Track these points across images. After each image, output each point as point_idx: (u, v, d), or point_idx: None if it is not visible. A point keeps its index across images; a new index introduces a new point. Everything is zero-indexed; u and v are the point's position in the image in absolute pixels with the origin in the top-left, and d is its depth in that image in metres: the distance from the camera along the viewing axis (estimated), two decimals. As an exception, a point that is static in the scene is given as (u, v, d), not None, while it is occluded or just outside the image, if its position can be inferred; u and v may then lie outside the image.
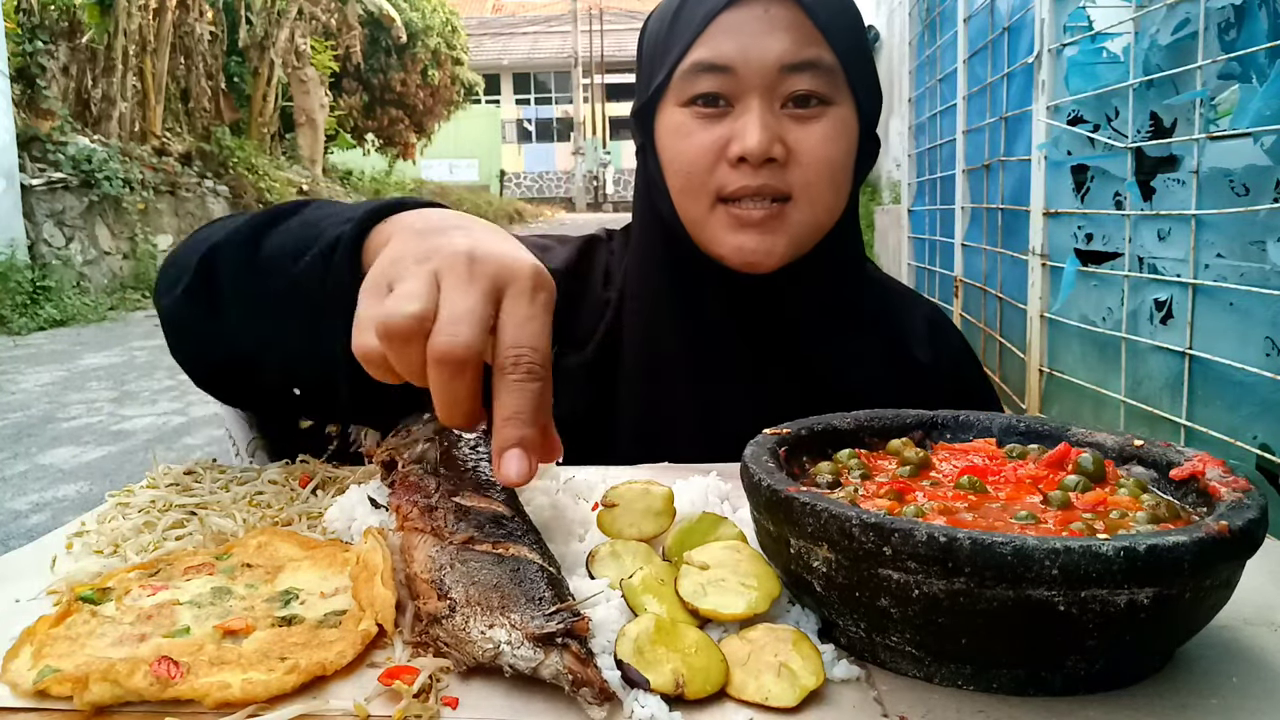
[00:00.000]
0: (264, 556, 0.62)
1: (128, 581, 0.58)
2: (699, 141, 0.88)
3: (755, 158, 0.85)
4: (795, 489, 0.51)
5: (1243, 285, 1.71)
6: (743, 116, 0.86)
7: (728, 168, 0.87)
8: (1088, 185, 2.47)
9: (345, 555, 0.61)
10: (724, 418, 0.92)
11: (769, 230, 0.88)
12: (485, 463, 0.64)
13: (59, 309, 8.35)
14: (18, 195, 8.51)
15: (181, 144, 11.70)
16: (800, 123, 0.87)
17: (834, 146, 0.88)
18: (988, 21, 3.46)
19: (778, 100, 0.87)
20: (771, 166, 0.86)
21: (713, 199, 0.89)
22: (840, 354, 0.96)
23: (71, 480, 4.10)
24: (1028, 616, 0.44)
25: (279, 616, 0.53)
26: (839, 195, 0.91)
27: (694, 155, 0.88)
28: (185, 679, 0.46)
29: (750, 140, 0.85)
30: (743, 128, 0.86)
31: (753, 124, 0.85)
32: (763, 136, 0.85)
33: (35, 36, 9.85)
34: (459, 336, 0.53)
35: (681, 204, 0.91)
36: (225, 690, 0.45)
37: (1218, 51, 1.76)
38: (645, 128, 0.95)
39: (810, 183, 0.88)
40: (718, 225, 0.89)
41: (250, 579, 0.59)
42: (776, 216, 0.88)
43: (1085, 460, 0.58)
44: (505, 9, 35.86)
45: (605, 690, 0.45)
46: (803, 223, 0.89)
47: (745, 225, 0.88)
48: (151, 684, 0.46)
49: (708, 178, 0.88)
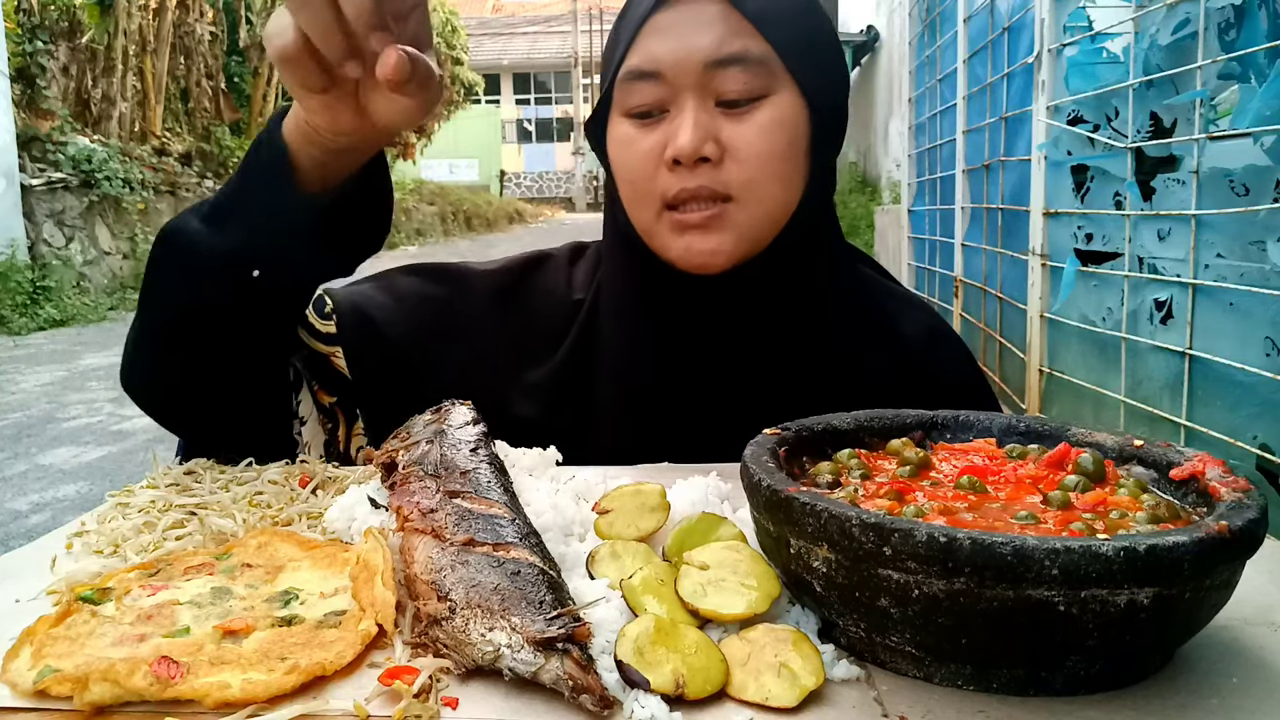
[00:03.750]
0: (264, 556, 0.62)
1: (128, 581, 0.58)
2: (639, 149, 0.88)
3: (687, 159, 0.84)
4: (795, 489, 0.51)
5: (1243, 285, 1.71)
6: (676, 118, 0.86)
7: (666, 172, 0.87)
8: (1088, 185, 2.46)
9: (345, 555, 0.61)
10: (704, 421, 0.92)
11: (714, 230, 0.87)
12: (486, 465, 0.64)
13: (59, 309, 8.35)
14: (18, 195, 8.51)
15: (181, 144, 11.70)
16: (734, 119, 0.86)
17: (772, 139, 0.86)
18: (988, 21, 3.46)
19: (710, 98, 0.86)
20: (708, 166, 0.85)
21: (659, 206, 0.88)
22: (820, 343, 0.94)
23: (71, 480, 4.10)
24: (1028, 616, 0.44)
25: (279, 617, 0.53)
26: (786, 187, 0.89)
27: (636, 163, 0.89)
28: (185, 679, 0.46)
29: (681, 141, 0.84)
30: (676, 130, 0.85)
31: (684, 125, 0.85)
32: (693, 136, 0.84)
33: (35, 36, 9.85)
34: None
35: (633, 213, 0.92)
36: (225, 690, 0.45)
37: (1218, 51, 1.76)
38: (599, 139, 0.95)
39: (751, 179, 0.86)
40: (665, 230, 0.89)
41: (250, 579, 0.59)
42: (719, 216, 0.87)
43: (1085, 460, 0.58)
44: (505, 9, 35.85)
45: (606, 697, 0.45)
46: (748, 220, 0.88)
47: (689, 228, 0.87)
48: (151, 684, 0.46)
49: (651, 185, 0.88)
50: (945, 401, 0.97)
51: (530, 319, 1.01)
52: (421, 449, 0.67)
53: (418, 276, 1.04)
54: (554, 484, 0.70)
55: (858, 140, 11.39)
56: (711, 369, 0.93)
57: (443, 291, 1.02)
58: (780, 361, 0.94)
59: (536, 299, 1.02)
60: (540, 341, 0.99)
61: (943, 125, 4.39)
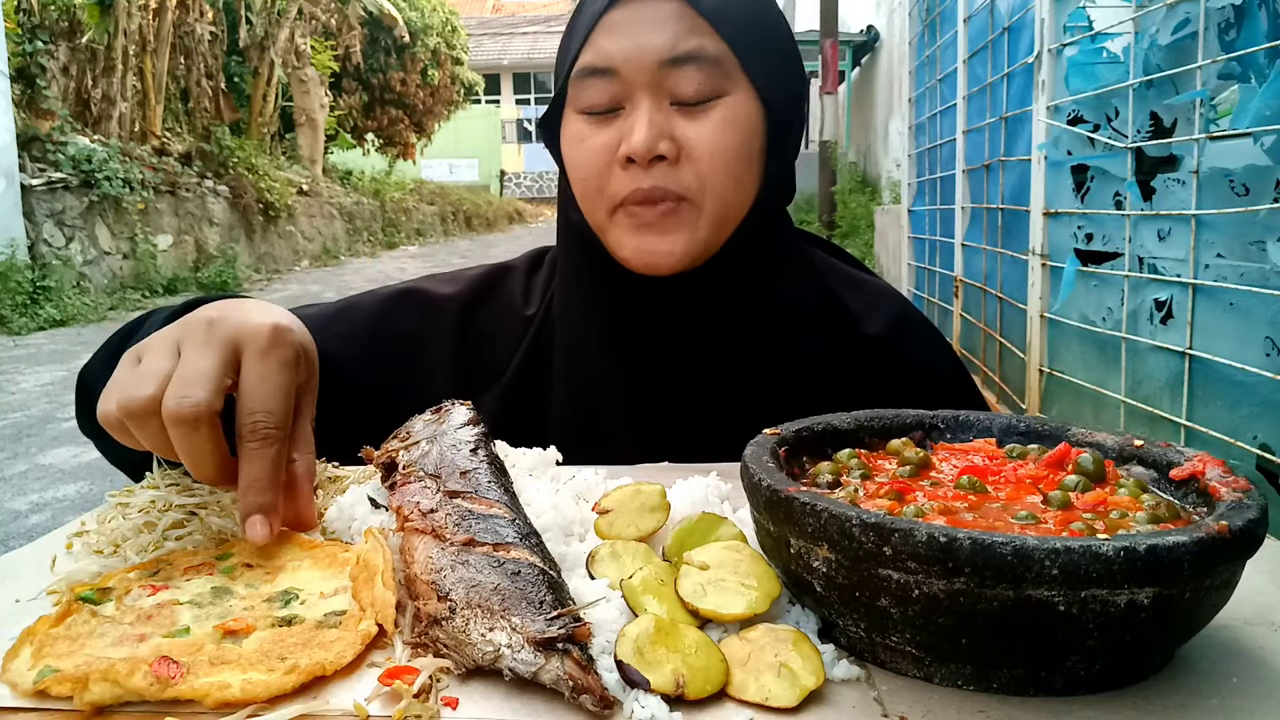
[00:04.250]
0: (264, 557, 0.62)
1: (128, 581, 0.58)
2: (592, 146, 0.87)
3: (641, 157, 0.83)
4: (795, 489, 0.51)
5: (1243, 285, 1.71)
6: (630, 116, 0.85)
7: (620, 171, 0.86)
8: (1088, 185, 2.46)
9: (345, 555, 0.61)
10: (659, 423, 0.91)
11: (666, 230, 0.86)
12: (486, 465, 0.64)
13: (59, 309, 8.35)
14: (18, 195, 8.50)
15: (181, 144, 11.70)
16: (690, 118, 0.85)
17: (727, 138, 0.85)
18: (988, 21, 3.46)
19: (664, 96, 0.85)
20: (662, 165, 0.84)
21: (612, 205, 0.87)
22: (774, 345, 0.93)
23: (71, 480, 4.10)
24: (1028, 616, 0.44)
25: (279, 617, 0.53)
26: (740, 187, 0.88)
27: (589, 161, 0.87)
28: (185, 679, 0.46)
29: (635, 139, 0.83)
30: (630, 128, 0.84)
31: (639, 123, 0.84)
32: (648, 134, 0.83)
33: (35, 36, 9.84)
34: (188, 398, 0.60)
35: (586, 211, 0.90)
36: (225, 690, 0.46)
37: (1218, 51, 1.76)
38: (553, 136, 0.94)
39: (705, 177, 0.85)
40: (618, 230, 0.88)
41: (250, 579, 0.59)
42: (672, 215, 0.86)
43: (1085, 460, 0.58)
44: (505, 9, 35.85)
45: (606, 698, 0.45)
46: (702, 220, 0.87)
47: (642, 227, 0.86)
48: (151, 684, 0.46)
49: (604, 183, 0.87)
50: (918, 390, 0.96)
51: (485, 340, 1.00)
52: (421, 449, 0.67)
53: (378, 303, 1.02)
54: (554, 484, 0.70)
55: (858, 140, 11.39)
56: (659, 370, 0.92)
57: (401, 321, 1.00)
58: (729, 365, 0.92)
59: (492, 319, 1.01)
60: (493, 363, 0.98)
61: (943, 125, 4.39)
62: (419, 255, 15.45)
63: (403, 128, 18.64)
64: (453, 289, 1.03)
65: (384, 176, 18.29)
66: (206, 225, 11.20)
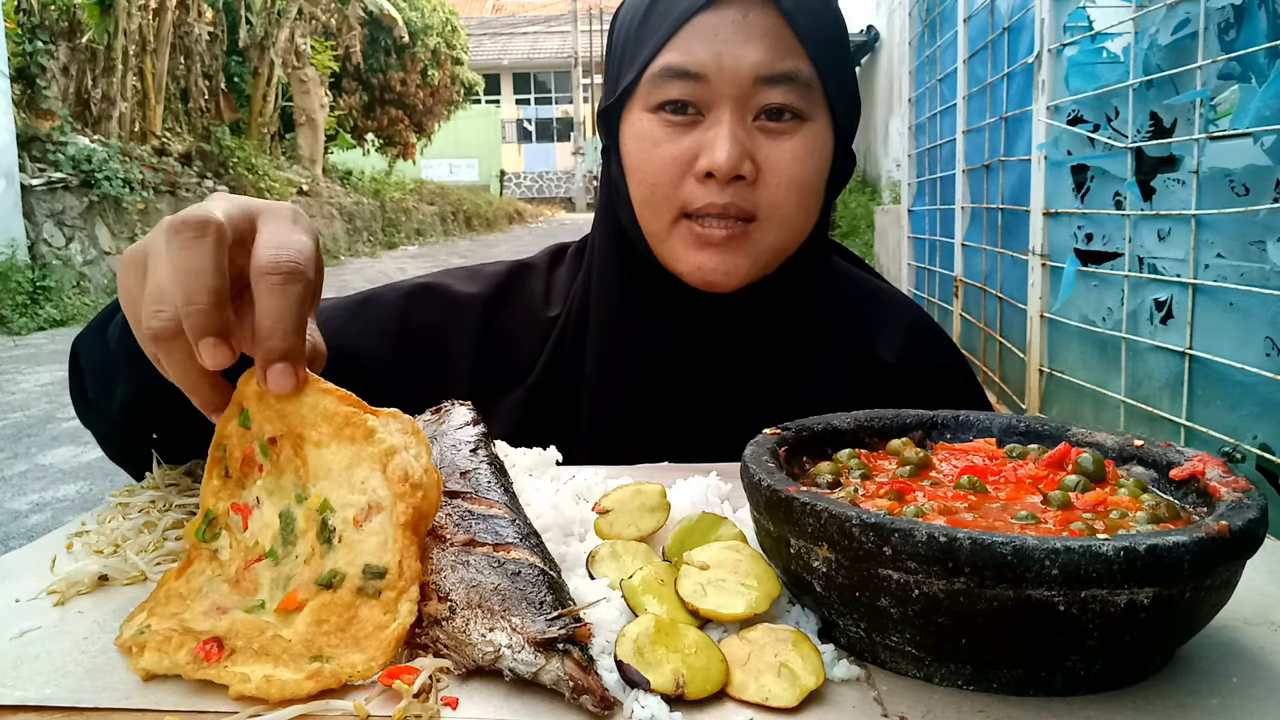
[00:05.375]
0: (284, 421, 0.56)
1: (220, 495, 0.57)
2: (666, 152, 0.84)
3: (723, 174, 0.81)
4: (795, 489, 0.51)
5: (1243, 285, 1.71)
6: (713, 129, 0.82)
7: (694, 182, 0.83)
8: (1088, 185, 2.46)
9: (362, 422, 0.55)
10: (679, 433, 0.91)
11: (731, 250, 0.84)
12: (486, 465, 0.64)
13: (59, 309, 8.35)
14: (18, 195, 8.51)
15: (181, 144, 11.70)
16: (772, 138, 0.83)
17: (806, 165, 0.84)
18: (988, 21, 3.46)
19: (750, 112, 0.83)
20: (739, 184, 0.82)
21: (676, 214, 0.85)
22: (796, 369, 0.93)
23: (71, 480, 4.10)
24: (1028, 616, 0.44)
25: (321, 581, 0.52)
26: (807, 216, 0.87)
27: (660, 166, 0.84)
28: (222, 662, 0.49)
29: (719, 155, 0.80)
30: (712, 141, 0.81)
31: (723, 138, 0.81)
32: (732, 152, 0.80)
33: (35, 36, 9.85)
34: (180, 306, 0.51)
35: (643, 215, 0.87)
36: (244, 684, 0.47)
37: (1218, 51, 1.76)
38: (611, 130, 0.91)
39: (778, 203, 0.84)
40: (679, 241, 0.85)
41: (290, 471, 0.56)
42: (740, 236, 0.84)
43: (1085, 460, 0.58)
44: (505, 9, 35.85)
45: (606, 698, 0.45)
46: (768, 244, 0.85)
47: (707, 244, 0.84)
48: (189, 662, 0.49)
49: (672, 191, 0.84)
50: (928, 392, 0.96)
51: (507, 340, 0.98)
52: (421, 449, 0.67)
53: (400, 298, 0.99)
54: (554, 484, 0.70)
55: (858, 140, 11.39)
56: (695, 384, 0.92)
57: (422, 317, 0.98)
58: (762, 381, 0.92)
59: (514, 319, 0.99)
60: (515, 363, 0.97)
61: (943, 125, 4.39)
62: (419, 255, 15.44)
63: (403, 128, 18.65)
64: (474, 287, 1.01)
65: (384, 176, 18.30)
66: (206, 225, 11.18)
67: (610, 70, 0.92)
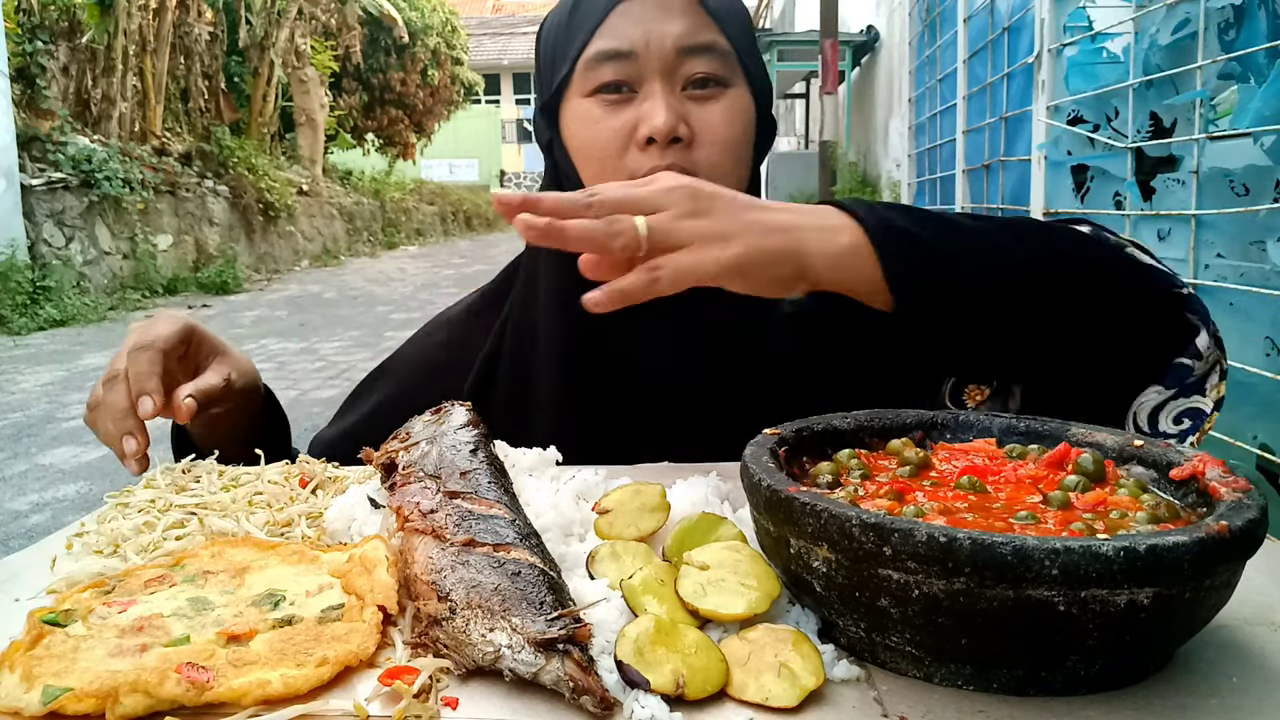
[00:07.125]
0: (221, 563, 0.60)
1: (84, 601, 0.56)
2: (608, 127, 0.90)
3: (663, 137, 0.87)
4: (795, 489, 0.51)
5: (1243, 285, 1.71)
6: (648, 100, 0.88)
7: (637, 150, 0.89)
8: (1088, 185, 2.46)
9: (314, 553, 0.60)
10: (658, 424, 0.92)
11: None
12: (485, 465, 0.64)
13: (59, 309, 8.34)
14: (18, 195, 8.50)
15: (181, 144, 11.69)
16: (700, 104, 0.90)
17: (735, 126, 0.91)
18: (988, 21, 3.46)
19: (678, 83, 0.90)
20: (677, 146, 0.88)
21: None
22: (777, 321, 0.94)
23: (71, 480, 4.10)
24: (1028, 616, 0.44)
25: (275, 619, 0.53)
26: (741, 174, 0.92)
27: (605, 140, 0.90)
28: (218, 682, 0.46)
29: (658, 120, 0.87)
30: (649, 110, 0.88)
31: (658, 105, 0.87)
32: (668, 116, 0.87)
33: (35, 36, 9.84)
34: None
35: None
36: (266, 687, 0.45)
37: (1218, 51, 1.76)
38: (552, 122, 0.96)
39: (715, 161, 0.89)
40: None
41: (220, 585, 0.57)
42: None
43: (1085, 460, 0.58)
44: (505, 9, 35.83)
45: (606, 699, 0.45)
46: None
47: None
48: (186, 690, 0.46)
49: (619, 162, 0.89)
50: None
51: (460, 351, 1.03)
52: (421, 450, 0.67)
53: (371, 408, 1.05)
54: (554, 484, 0.69)
55: (858, 140, 11.38)
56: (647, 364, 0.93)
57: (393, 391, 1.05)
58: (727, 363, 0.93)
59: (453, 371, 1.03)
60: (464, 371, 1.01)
61: (943, 125, 4.39)
62: (419, 255, 15.44)
63: (403, 128, 18.63)
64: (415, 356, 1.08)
65: (384, 176, 18.28)
66: (206, 225, 11.20)
67: (543, 72, 0.98)
